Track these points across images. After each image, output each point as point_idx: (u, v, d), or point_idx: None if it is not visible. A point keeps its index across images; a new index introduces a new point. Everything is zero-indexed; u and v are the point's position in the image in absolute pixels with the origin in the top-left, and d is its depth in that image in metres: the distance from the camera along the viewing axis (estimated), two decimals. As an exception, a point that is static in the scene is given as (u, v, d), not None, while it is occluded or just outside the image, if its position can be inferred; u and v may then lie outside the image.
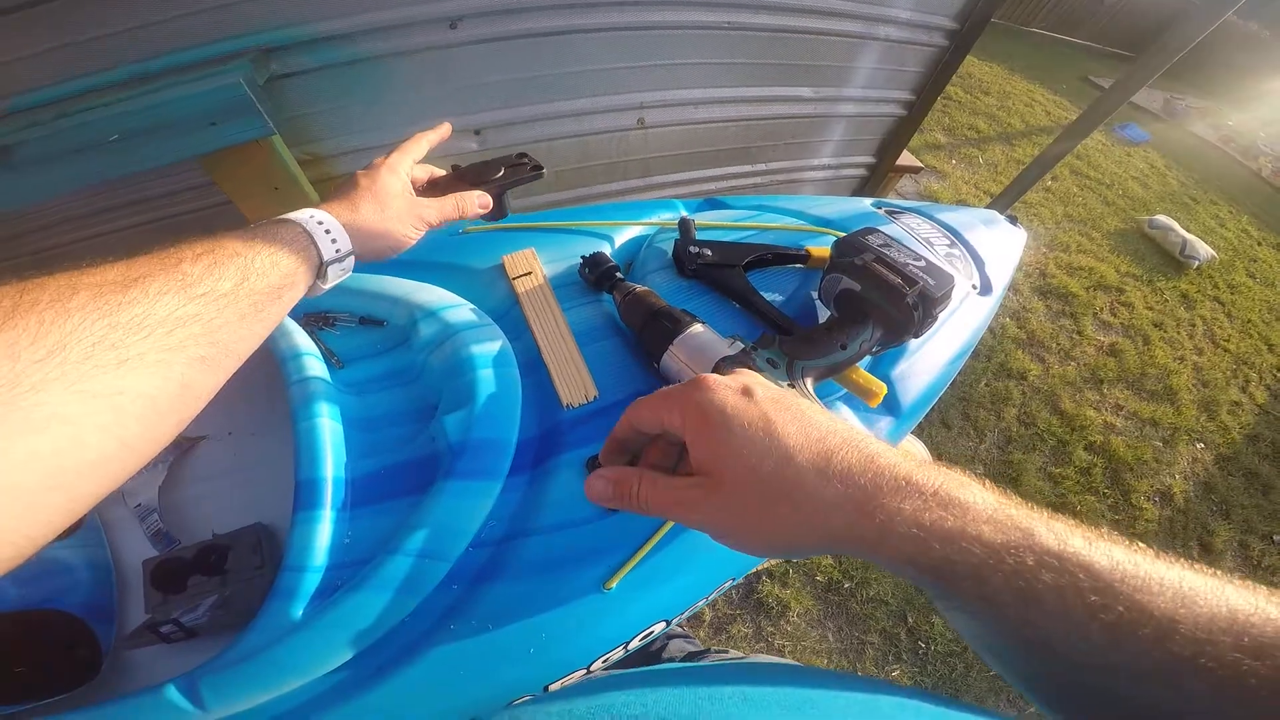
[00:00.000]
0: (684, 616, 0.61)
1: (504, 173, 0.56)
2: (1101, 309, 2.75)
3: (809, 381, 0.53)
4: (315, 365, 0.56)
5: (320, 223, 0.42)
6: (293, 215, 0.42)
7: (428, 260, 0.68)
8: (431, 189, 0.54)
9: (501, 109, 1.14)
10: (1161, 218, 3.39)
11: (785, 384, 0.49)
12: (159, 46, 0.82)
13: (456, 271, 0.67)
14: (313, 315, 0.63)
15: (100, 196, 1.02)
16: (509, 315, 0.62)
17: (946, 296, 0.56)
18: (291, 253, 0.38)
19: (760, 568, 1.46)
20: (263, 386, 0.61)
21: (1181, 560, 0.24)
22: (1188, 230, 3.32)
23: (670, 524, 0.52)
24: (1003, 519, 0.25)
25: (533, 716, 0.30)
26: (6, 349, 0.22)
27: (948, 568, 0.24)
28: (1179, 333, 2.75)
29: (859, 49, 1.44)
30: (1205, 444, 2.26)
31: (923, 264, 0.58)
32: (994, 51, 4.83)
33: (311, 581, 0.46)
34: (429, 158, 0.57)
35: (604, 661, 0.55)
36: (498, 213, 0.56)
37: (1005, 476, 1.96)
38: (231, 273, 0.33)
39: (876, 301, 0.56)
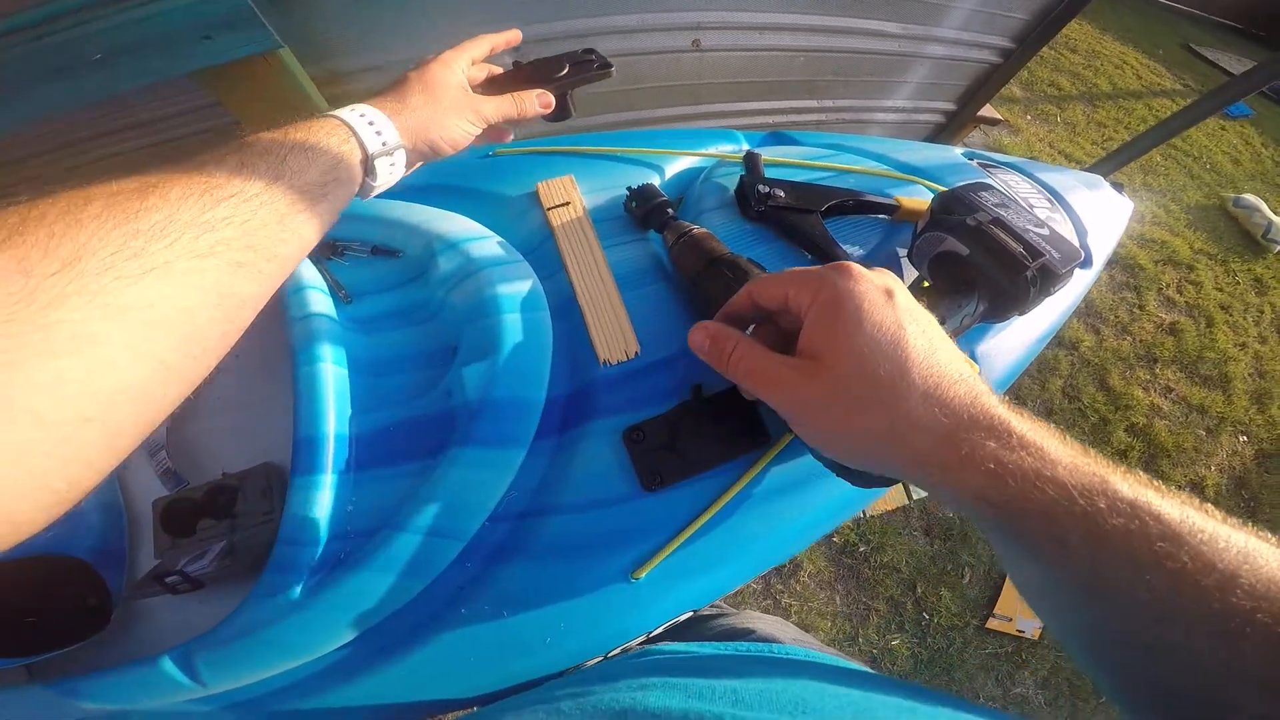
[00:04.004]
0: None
1: (568, 70, 0.51)
2: (1168, 285, 2.56)
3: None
4: (320, 300, 0.49)
5: (362, 115, 0.38)
6: (333, 111, 0.38)
7: (453, 185, 0.60)
8: (490, 88, 0.49)
9: (545, 22, 1.01)
10: (1249, 197, 3.08)
11: None
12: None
13: (484, 198, 0.58)
14: (319, 243, 0.55)
15: (97, 120, 0.93)
16: (540, 250, 0.54)
17: (1069, 273, 0.46)
18: (330, 146, 0.34)
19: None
20: (273, 315, 0.54)
21: (1249, 526, 0.25)
22: (1275, 212, 3.02)
23: (713, 511, 0.44)
24: (1080, 465, 0.26)
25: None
26: (16, 264, 0.20)
27: (1019, 506, 0.26)
28: (1245, 318, 2.55)
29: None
30: (1249, 437, 2.13)
31: (1046, 232, 0.48)
32: (1088, 10, 4.35)
33: (310, 555, 0.41)
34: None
35: (622, 650, 0.49)
36: (561, 113, 0.52)
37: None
38: (263, 171, 0.30)
39: (985, 270, 0.46)
